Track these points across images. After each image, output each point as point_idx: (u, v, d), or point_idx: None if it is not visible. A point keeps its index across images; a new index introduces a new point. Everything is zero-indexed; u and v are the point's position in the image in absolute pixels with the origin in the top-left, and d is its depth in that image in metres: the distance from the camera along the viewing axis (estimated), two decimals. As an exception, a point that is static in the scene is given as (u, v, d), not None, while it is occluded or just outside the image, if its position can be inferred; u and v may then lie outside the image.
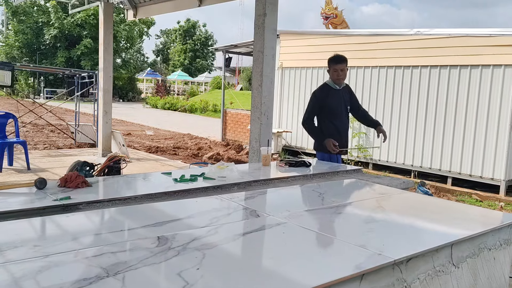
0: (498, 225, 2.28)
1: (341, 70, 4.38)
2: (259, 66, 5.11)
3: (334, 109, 4.41)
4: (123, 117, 20.69)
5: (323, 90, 4.47)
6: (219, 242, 1.77)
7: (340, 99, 4.44)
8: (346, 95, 4.53)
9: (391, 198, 2.76)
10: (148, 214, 2.19)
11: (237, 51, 14.87)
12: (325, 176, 3.51)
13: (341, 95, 4.46)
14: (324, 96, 4.42)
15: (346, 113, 4.53)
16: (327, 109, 4.40)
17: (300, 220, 2.13)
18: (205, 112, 26.21)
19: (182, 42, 53.48)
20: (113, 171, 3.71)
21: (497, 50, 8.05)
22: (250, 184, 3.01)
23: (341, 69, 4.37)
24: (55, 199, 2.28)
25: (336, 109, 4.42)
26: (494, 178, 8.12)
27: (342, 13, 18.32)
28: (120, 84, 36.78)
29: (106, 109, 9.15)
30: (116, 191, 2.69)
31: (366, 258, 1.67)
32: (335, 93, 4.43)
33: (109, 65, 9.03)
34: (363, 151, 10.13)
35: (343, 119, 4.50)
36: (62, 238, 1.77)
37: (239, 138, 13.50)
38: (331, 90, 4.44)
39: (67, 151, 9.91)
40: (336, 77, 4.39)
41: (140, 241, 1.74)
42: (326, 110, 4.40)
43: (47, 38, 33.82)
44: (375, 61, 9.92)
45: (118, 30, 33.64)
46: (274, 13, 5.09)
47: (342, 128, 4.48)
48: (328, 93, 4.43)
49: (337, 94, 4.43)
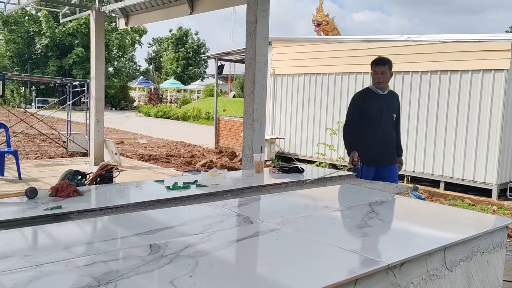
0: (490, 228, 2.29)
1: (382, 73, 4.01)
2: (251, 73, 5.12)
3: (373, 115, 4.05)
4: (116, 126, 20.60)
5: (362, 94, 4.21)
6: (212, 249, 1.76)
7: (381, 105, 4.06)
8: (393, 102, 4.18)
9: (384, 203, 2.76)
10: (141, 222, 2.18)
11: (229, 59, 14.90)
12: (318, 182, 3.51)
13: (384, 100, 4.09)
14: (362, 99, 4.13)
15: (390, 121, 4.13)
16: (365, 114, 4.06)
17: (294, 226, 2.12)
18: (198, 119, 26.18)
19: (175, 50, 53.51)
20: (105, 180, 3.69)
21: (486, 55, 8.14)
22: (243, 191, 3.00)
23: (381, 71, 4.01)
24: (46, 208, 2.25)
25: (376, 115, 4.05)
26: (486, 182, 8.17)
27: (333, 20, 18.44)
28: (112, 92, 36.68)
29: (98, 118, 9.11)
30: (108, 200, 2.67)
31: (359, 263, 1.66)
32: (377, 97, 4.08)
33: (100, 73, 9.01)
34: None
35: (385, 127, 4.09)
36: (53, 247, 1.75)
37: (233, 145, 13.49)
38: (372, 94, 4.11)
39: (59, 160, 9.84)
40: (375, 80, 4.06)
41: (132, 249, 1.72)
42: (364, 115, 4.06)
43: (39, 47, 33.71)
44: (366, 67, 9.95)
45: (110, 39, 33.60)
46: (266, 20, 5.11)
47: (382, 136, 4.09)
48: (368, 97, 4.11)
49: (379, 99, 4.08)
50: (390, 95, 4.17)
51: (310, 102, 11.16)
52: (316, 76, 11.02)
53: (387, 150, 4.14)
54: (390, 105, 4.13)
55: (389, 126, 4.12)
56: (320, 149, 10.80)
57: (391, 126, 4.13)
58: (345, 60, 10.36)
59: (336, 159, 10.49)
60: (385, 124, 4.08)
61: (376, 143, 4.06)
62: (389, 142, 4.16)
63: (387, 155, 4.14)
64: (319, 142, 10.85)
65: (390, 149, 4.17)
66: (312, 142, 11.10)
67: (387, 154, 4.14)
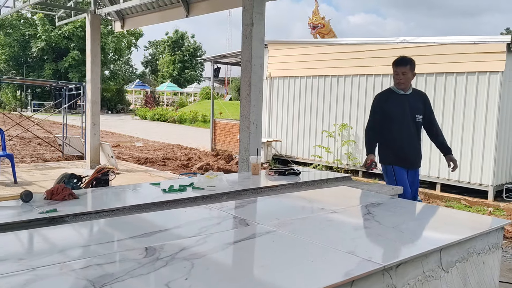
0: (486, 229, 2.29)
1: (403, 74, 3.93)
2: (247, 76, 5.13)
3: (394, 116, 3.98)
4: (112, 129, 20.56)
5: (383, 94, 4.14)
6: (208, 251, 1.75)
7: (404, 105, 3.97)
8: (417, 103, 4.04)
9: (380, 205, 2.76)
10: (136, 225, 2.17)
11: (226, 61, 14.91)
12: (315, 184, 3.51)
13: (407, 101, 3.99)
14: (383, 100, 4.06)
15: (413, 122, 4.01)
16: (387, 116, 4.00)
17: (290, 228, 2.12)
18: (195, 122, 26.17)
19: (171, 53, 53.52)
20: (101, 183, 3.68)
21: (481, 57, 8.17)
22: (240, 193, 3.00)
23: (402, 72, 3.93)
24: (41, 211, 2.25)
25: (397, 116, 3.97)
26: (482, 184, 8.19)
27: (329, 23, 18.46)
28: (108, 95, 36.65)
29: (94, 121, 9.09)
30: (104, 203, 2.66)
31: (355, 264, 1.66)
32: (398, 98, 4.01)
33: (96, 76, 9.00)
34: (352, 158, 10.17)
35: (407, 128, 4.00)
36: (48, 251, 1.74)
37: (229, 148, 13.48)
38: (393, 94, 4.04)
39: (55, 164, 9.80)
40: (396, 81, 3.99)
41: (127, 252, 1.71)
42: (386, 116, 4.01)
43: (34, 50, 33.64)
44: (362, 70, 10.01)
45: (106, 42, 33.58)
46: (261, 23, 5.12)
47: (405, 137, 4.00)
48: (389, 97, 4.04)
49: (401, 99, 3.99)
50: (414, 95, 4.06)
51: (306, 104, 11.17)
52: (313, 79, 11.03)
53: (410, 152, 4.03)
54: (414, 105, 4.01)
55: (410, 126, 4.00)
56: (316, 151, 10.81)
57: (414, 127, 4.02)
58: (341, 63, 10.39)
59: (333, 161, 10.50)
60: (408, 125, 3.98)
61: (397, 143, 4.00)
62: (412, 144, 4.03)
63: (411, 157, 4.05)
64: (315, 144, 10.86)
65: (414, 151, 4.05)
66: (308, 145, 11.11)
67: (411, 156, 4.04)
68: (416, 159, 4.10)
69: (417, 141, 4.08)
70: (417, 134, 4.06)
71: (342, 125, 10.31)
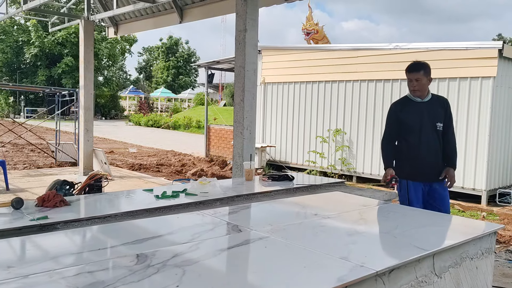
0: (479, 234, 2.29)
1: (416, 80, 3.62)
2: (240, 81, 5.13)
3: (411, 125, 3.69)
4: (106, 135, 20.49)
5: (398, 103, 3.87)
6: (200, 258, 1.74)
7: (421, 113, 3.68)
8: (437, 109, 3.70)
9: (373, 210, 2.76)
10: (128, 231, 2.15)
11: (220, 67, 14.92)
12: (308, 189, 3.51)
13: (424, 108, 3.69)
14: (398, 109, 3.80)
15: (432, 131, 3.67)
16: (403, 125, 3.73)
17: (283, 234, 2.11)
18: (189, 128, 26.14)
19: (165, 59, 53.51)
20: (94, 190, 3.66)
21: (474, 63, 8.23)
22: (233, 199, 2.99)
23: (415, 78, 3.62)
24: (32, 219, 2.23)
25: (414, 125, 3.68)
26: (475, 189, 8.22)
27: (323, 29, 18.56)
28: (102, 102, 36.53)
29: (87, 127, 9.06)
30: (96, 209, 2.64)
31: (348, 270, 1.66)
32: (415, 106, 3.71)
33: (90, 82, 8.97)
34: (346, 164, 10.19)
35: (425, 138, 3.67)
36: (38, 258, 1.72)
37: (223, 153, 13.46)
38: (410, 102, 3.74)
39: (48, 170, 9.74)
40: (410, 88, 3.70)
41: (118, 259, 1.70)
42: (403, 126, 3.74)
43: (28, 57, 33.50)
44: (356, 75, 10.05)
45: (99, 48, 33.50)
46: (255, 29, 5.13)
47: (423, 148, 3.66)
48: (405, 105, 3.77)
49: (418, 107, 3.70)
50: (433, 101, 3.74)
51: (300, 110, 11.19)
52: (306, 84, 11.06)
53: (429, 164, 3.67)
54: (432, 112, 3.68)
55: (432, 136, 3.66)
56: (310, 157, 10.82)
57: (434, 135, 3.67)
58: (335, 68, 10.43)
59: (327, 166, 10.51)
60: (426, 134, 3.66)
61: (414, 155, 3.68)
62: (431, 155, 3.67)
63: (428, 169, 3.67)
64: (309, 150, 10.87)
65: (432, 163, 3.68)
66: (302, 150, 11.12)
67: (428, 168, 3.67)
68: (434, 171, 3.68)
69: (438, 151, 3.69)
70: (437, 144, 3.68)
71: (336, 131, 10.34)
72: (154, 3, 7.39)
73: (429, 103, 3.71)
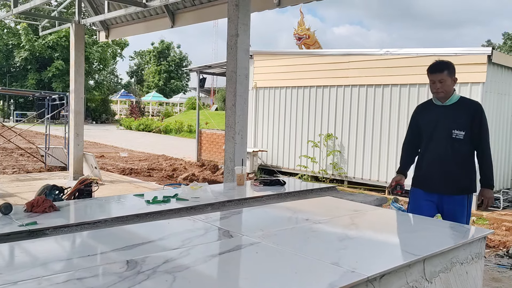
0: (469, 239, 2.31)
1: (440, 82, 3.32)
2: (232, 86, 5.13)
3: (424, 129, 3.46)
4: (97, 139, 20.35)
5: (421, 105, 3.62)
6: (191, 264, 1.73)
7: (437, 118, 3.38)
8: (459, 115, 3.33)
9: (365, 215, 2.77)
10: (119, 237, 2.13)
11: (211, 72, 14.93)
12: (300, 194, 3.51)
13: (443, 113, 3.37)
14: (418, 111, 3.57)
15: (446, 138, 3.33)
16: (419, 128, 3.52)
17: (274, 239, 2.11)
18: (180, 132, 26.06)
19: (156, 63, 53.39)
20: (84, 195, 3.62)
21: (463, 68, 8.30)
22: (224, 204, 2.98)
23: (439, 80, 3.32)
24: (20, 224, 2.20)
25: (427, 130, 3.43)
26: (465, 193, 8.28)
27: (314, 34, 18.67)
28: (93, 106, 36.31)
29: (77, 131, 9.00)
30: (86, 215, 2.62)
31: (339, 275, 1.65)
32: (433, 109, 3.44)
33: (80, 86, 8.92)
34: (337, 168, 10.21)
35: (436, 145, 3.38)
36: (27, 264, 1.70)
37: (215, 158, 13.44)
38: (430, 105, 3.48)
39: (37, 175, 9.65)
40: (432, 90, 3.41)
41: (108, 265, 1.68)
42: (419, 129, 3.52)
43: (18, 60, 33.23)
44: (347, 80, 10.10)
45: (90, 52, 33.33)
46: (247, 34, 5.14)
47: (432, 156, 3.40)
48: (425, 108, 3.53)
49: (436, 111, 3.41)
50: (458, 106, 3.36)
51: (292, 114, 11.22)
52: (298, 89, 11.10)
53: (437, 173, 3.36)
54: (452, 118, 3.33)
55: (443, 144, 3.34)
56: (302, 161, 10.84)
57: (448, 144, 3.32)
58: (327, 73, 10.48)
59: (318, 171, 10.53)
60: (438, 141, 3.36)
61: (425, 163, 3.44)
62: (442, 164, 3.34)
63: (436, 179, 3.37)
64: (301, 154, 10.89)
65: (442, 173, 3.34)
66: (294, 155, 11.14)
67: (436, 178, 3.37)
68: (445, 182, 3.33)
69: (451, 161, 3.32)
70: (450, 153, 3.31)
71: (327, 135, 10.37)
72: (146, 7, 7.38)
73: (451, 107, 3.36)
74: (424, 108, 3.54)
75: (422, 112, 3.53)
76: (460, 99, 3.40)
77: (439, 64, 3.38)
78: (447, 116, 3.35)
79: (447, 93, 3.36)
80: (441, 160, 3.35)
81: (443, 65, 3.36)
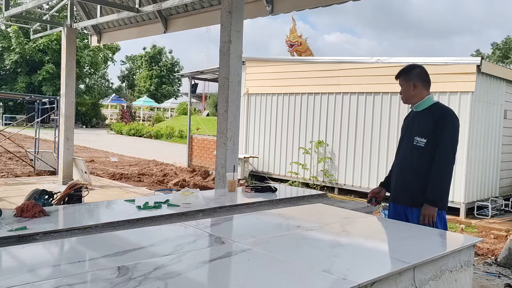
0: (458, 247, 2.33)
1: (401, 86, 3.28)
2: (224, 92, 5.14)
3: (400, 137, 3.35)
4: (87, 144, 20.22)
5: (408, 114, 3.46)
6: (182, 270, 1.73)
7: (408, 125, 3.27)
8: (422, 122, 3.11)
9: (356, 222, 2.78)
10: (109, 243, 2.12)
11: (203, 77, 14.93)
12: (291, 201, 3.51)
13: (412, 119, 3.25)
14: (404, 120, 3.45)
15: (409, 146, 3.14)
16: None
17: (265, 246, 2.11)
18: (171, 138, 25.99)
19: (148, 68, 53.29)
20: (73, 200, 3.60)
21: (452, 77, 8.41)
22: (216, 211, 2.98)
23: (400, 85, 3.28)
24: (10, 229, 2.18)
25: (401, 137, 3.33)
26: (454, 201, 8.35)
27: (306, 41, 18.77)
28: (83, 110, 36.11)
29: (67, 136, 8.93)
30: (76, 220, 2.60)
31: (330, 283, 1.66)
32: (409, 116, 3.35)
33: (71, 90, 8.87)
34: (328, 175, 10.25)
35: (401, 153, 3.25)
36: (15, 270, 1.68)
37: (206, 164, 13.41)
38: (410, 112, 3.36)
39: (26, 179, 9.55)
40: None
41: (99, 271, 1.67)
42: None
43: (8, 63, 32.98)
44: (338, 88, 10.17)
45: (82, 56, 33.18)
46: (239, 40, 5.16)
47: (396, 164, 3.28)
48: (407, 116, 3.41)
49: (409, 118, 3.32)
50: (426, 112, 3.14)
51: (283, 121, 11.26)
52: (289, 96, 11.14)
53: (397, 183, 3.21)
54: (416, 125, 3.15)
55: (405, 152, 3.17)
56: (293, 168, 10.86)
57: (409, 152, 3.13)
58: (318, 81, 10.54)
59: (309, 177, 10.56)
60: (403, 148, 3.22)
61: (393, 172, 3.30)
62: (402, 173, 3.18)
63: (399, 190, 3.19)
64: (292, 161, 10.91)
65: (400, 183, 3.18)
66: (285, 161, 11.16)
67: (396, 188, 3.22)
68: (405, 193, 3.13)
69: (409, 171, 3.12)
70: (414, 162, 3.08)
71: (318, 142, 10.41)
72: (139, 12, 7.38)
73: (420, 114, 3.17)
74: (407, 116, 3.40)
75: (404, 119, 3.41)
76: (432, 105, 3.17)
77: (399, 71, 3.31)
78: (413, 122, 3.20)
79: (406, 99, 3.23)
80: (401, 169, 3.19)
81: (400, 71, 3.29)
